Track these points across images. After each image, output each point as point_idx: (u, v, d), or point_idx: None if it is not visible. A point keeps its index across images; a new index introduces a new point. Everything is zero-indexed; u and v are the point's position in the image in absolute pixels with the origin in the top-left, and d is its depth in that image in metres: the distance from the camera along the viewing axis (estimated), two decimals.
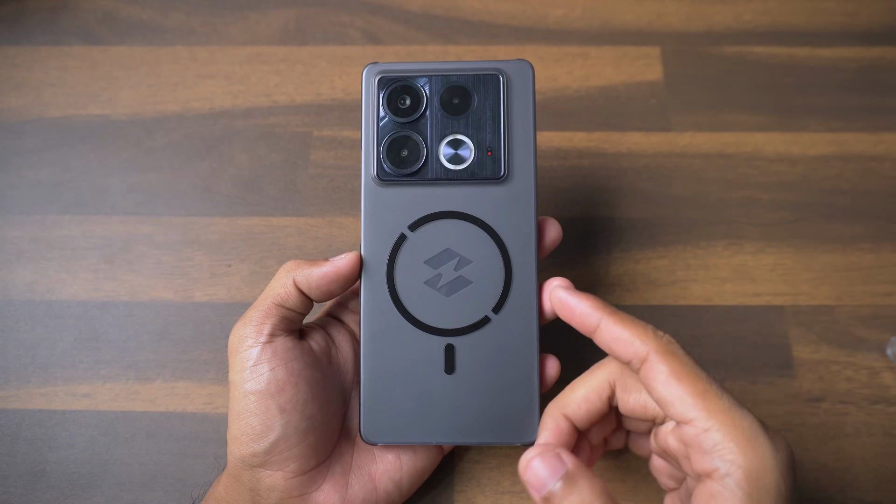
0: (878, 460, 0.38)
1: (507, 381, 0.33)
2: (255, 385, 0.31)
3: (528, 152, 0.33)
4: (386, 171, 0.33)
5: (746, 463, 0.25)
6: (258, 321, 0.31)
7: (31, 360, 0.40)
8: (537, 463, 0.27)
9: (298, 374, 0.31)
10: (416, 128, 0.33)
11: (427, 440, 0.33)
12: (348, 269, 0.32)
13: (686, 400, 0.27)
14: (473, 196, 0.33)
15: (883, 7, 0.49)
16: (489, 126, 0.33)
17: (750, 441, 0.25)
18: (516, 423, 0.33)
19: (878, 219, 0.43)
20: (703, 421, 0.26)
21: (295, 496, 0.31)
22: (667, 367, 0.27)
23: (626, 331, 0.29)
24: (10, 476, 0.38)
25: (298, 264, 0.32)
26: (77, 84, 0.47)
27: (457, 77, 0.33)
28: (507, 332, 0.33)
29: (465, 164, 0.33)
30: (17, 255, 0.42)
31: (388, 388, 0.33)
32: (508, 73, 0.33)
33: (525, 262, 0.33)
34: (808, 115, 0.46)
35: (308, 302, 0.33)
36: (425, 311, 0.33)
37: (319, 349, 0.33)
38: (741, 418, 0.26)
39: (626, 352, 0.29)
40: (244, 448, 0.31)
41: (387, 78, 0.33)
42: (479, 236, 0.33)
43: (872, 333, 0.41)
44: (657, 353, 0.28)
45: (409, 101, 0.33)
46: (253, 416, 0.30)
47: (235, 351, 0.31)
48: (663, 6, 0.49)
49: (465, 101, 0.33)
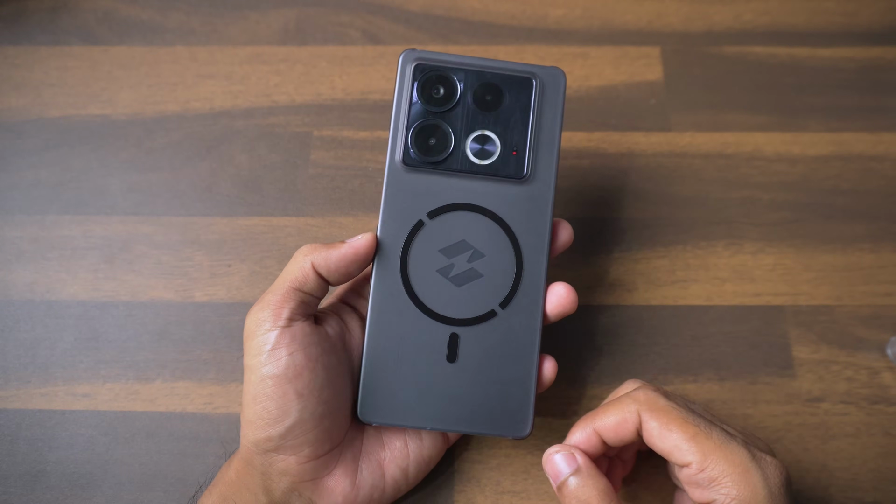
0: (878, 460, 0.38)
1: (505, 376, 0.33)
2: (272, 369, 0.30)
3: (552, 156, 0.34)
4: (412, 156, 0.33)
5: (739, 493, 0.28)
6: (276, 305, 0.31)
7: (31, 360, 0.40)
8: (558, 457, 0.31)
9: (316, 359, 0.31)
10: (447, 118, 0.34)
11: (421, 425, 0.33)
12: (365, 250, 0.32)
13: (681, 447, 0.29)
14: (494, 192, 0.34)
15: (883, 7, 0.49)
16: (518, 126, 0.34)
17: (742, 474, 0.28)
18: (510, 417, 0.33)
19: (878, 219, 0.43)
20: (699, 462, 0.29)
21: (307, 480, 0.31)
22: (656, 422, 0.30)
23: (613, 416, 0.31)
24: (10, 476, 0.38)
25: (315, 248, 0.32)
26: (77, 84, 0.47)
27: (492, 75, 0.34)
28: (511, 328, 0.33)
29: (491, 159, 0.34)
30: (17, 255, 0.42)
31: (388, 369, 0.33)
32: (542, 78, 0.34)
33: (536, 262, 0.33)
34: (808, 115, 0.46)
35: (325, 285, 0.33)
36: (434, 298, 0.33)
37: (335, 334, 0.33)
38: (732, 453, 0.29)
39: (628, 431, 0.31)
40: (259, 432, 0.31)
41: (423, 66, 0.34)
42: (494, 232, 0.33)
43: (872, 333, 0.41)
44: (643, 411, 0.30)
45: (442, 92, 0.34)
46: (269, 401, 0.30)
47: (252, 335, 0.31)
48: (663, 6, 0.49)
49: (498, 99, 0.34)
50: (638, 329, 0.41)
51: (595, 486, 0.30)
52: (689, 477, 0.29)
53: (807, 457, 0.38)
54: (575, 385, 0.40)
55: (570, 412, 0.39)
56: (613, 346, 0.40)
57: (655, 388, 0.32)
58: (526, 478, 0.38)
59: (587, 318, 0.41)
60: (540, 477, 0.37)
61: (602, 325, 0.41)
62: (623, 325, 0.41)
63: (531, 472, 0.38)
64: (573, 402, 0.39)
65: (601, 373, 0.40)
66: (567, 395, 0.39)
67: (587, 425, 0.32)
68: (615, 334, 0.41)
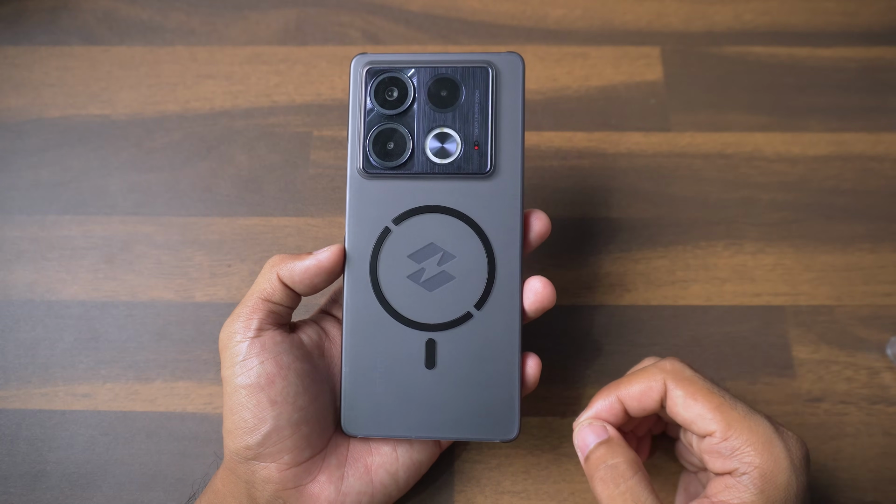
0: (878, 460, 0.38)
1: (487, 378, 0.32)
2: (245, 379, 0.31)
3: (516, 147, 0.33)
4: (371, 163, 0.33)
5: (762, 463, 0.28)
6: (246, 317, 0.32)
7: (31, 360, 0.40)
8: (585, 429, 0.31)
9: (288, 366, 0.31)
10: (403, 120, 0.33)
11: (406, 434, 0.33)
12: (331, 263, 0.32)
13: (705, 416, 0.30)
14: (459, 190, 0.33)
15: (883, 7, 0.49)
16: (477, 120, 0.33)
17: (765, 444, 0.29)
18: (496, 419, 0.32)
19: (878, 219, 0.43)
20: (723, 432, 0.29)
21: (290, 488, 0.31)
22: (681, 391, 0.30)
23: (639, 384, 0.31)
24: (10, 476, 0.38)
25: (282, 259, 0.32)
26: (77, 84, 0.47)
27: (445, 69, 0.33)
28: (489, 329, 0.33)
29: (452, 158, 0.33)
30: (17, 255, 0.42)
31: (368, 381, 0.33)
32: (498, 66, 0.33)
33: (509, 259, 0.33)
34: (808, 115, 0.46)
35: (294, 296, 0.33)
36: (407, 305, 0.33)
37: (311, 342, 0.33)
38: (756, 424, 0.29)
39: (652, 399, 0.31)
40: (238, 441, 0.31)
41: (374, 69, 0.33)
42: (463, 231, 0.33)
43: (872, 333, 0.41)
44: (669, 381, 0.31)
45: (396, 93, 0.33)
46: (245, 410, 0.31)
47: (225, 347, 0.32)
48: (663, 6, 0.49)
49: (453, 93, 0.33)
50: (638, 329, 0.41)
51: (624, 455, 0.30)
52: (711, 447, 0.29)
53: None
54: (575, 385, 0.40)
55: (570, 412, 0.39)
56: (613, 346, 0.40)
57: (681, 360, 0.32)
58: (526, 478, 0.38)
59: (587, 318, 0.41)
60: (540, 477, 0.37)
61: (602, 325, 0.41)
62: (623, 325, 0.41)
63: (531, 472, 0.38)
64: (573, 403, 0.39)
65: (601, 373, 0.40)
66: (567, 396, 0.39)
67: (611, 393, 0.32)
68: (615, 334, 0.41)
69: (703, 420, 0.29)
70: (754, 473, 0.28)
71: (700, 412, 0.30)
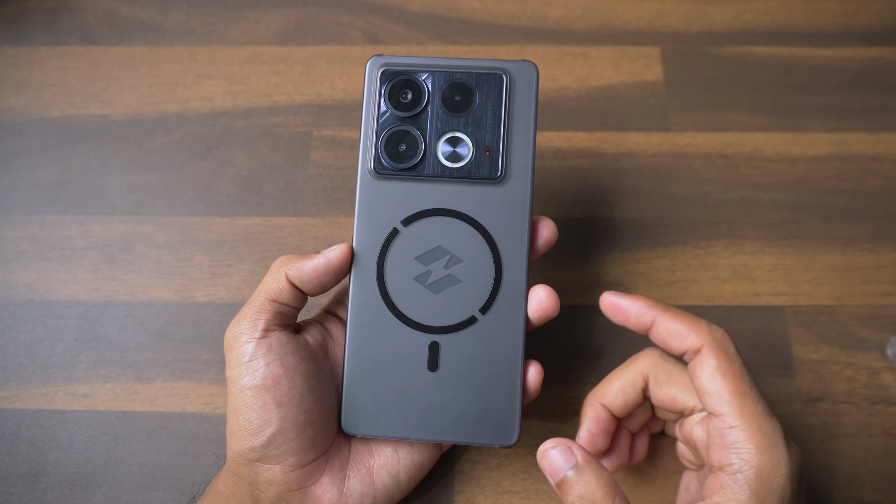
0: (878, 460, 0.38)
1: (489, 383, 0.32)
2: (251, 380, 0.31)
3: (527, 154, 0.33)
4: (383, 164, 0.33)
5: (760, 464, 0.28)
6: (252, 317, 0.32)
7: (31, 360, 0.40)
8: (554, 453, 0.30)
9: (294, 368, 0.31)
10: (416, 123, 0.33)
11: (406, 436, 0.33)
12: (339, 262, 0.32)
13: (723, 395, 0.29)
14: (468, 195, 0.33)
15: (883, 7, 0.49)
16: (489, 126, 0.33)
17: (768, 446, 0.28)
18: (496, 424, 0.32)
19: (878, 219, 0.43)
20: (732, 418, 0.29)
21: (294, 490, 0.31)
22: (715, 362, 0.30)
23: (682, 325, 0.31)
24: (10, 476, 0.38)
25: (290, 259, 0.32)
26: (77, 84, 0.47)
27: (460, 74, 0.33)
28: (493, 334, 0.33)
29: (463, 162, 0.33)
30: (17, 255, 0.42)
31: (370, 381, 0.33)
32: (512, 73, 0.33)
33: (516, 265, 0.33)
34: (808, 115, 0.46)
35: (302, 296, 0.33)
36: (412, 307, 0.33)
37: (315, 343, 0.33)
38: (767, 425, 0.29)
39: (680, 345, 0.31)
40: (242, 443, 0.31)
41: (390, 71, 0.33)
42: (471, 236, 0.33)
43: (872, 333, 0.41)
44: (710, 346, 0.30)
45: (410, 96, 0.33)
46: (250, 411, 0.30)
47: (231, 347, 0.32)
48: (663, 6, 0.49)
49: (467, 99, 0.33)
50: None
51: (598, 481, 0.28)
52: (716, 429, 0.29)
53: (807, 457, 0.38)
54: (575, 386, 0.40)
55: (570, 413, 0.39)
56: (613, 346, 0.40)
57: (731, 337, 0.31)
58: (526, 478, 0.38)
59: (587, 318, 0.41)
60: (540, 477, 0.37)
61: (602, 326, 0.41)
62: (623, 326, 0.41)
63: (531, 472, 0.38)
64: (573, 403, 0.39)
65: (601, 373, 0.40)
66: (567, 396, 0.39)
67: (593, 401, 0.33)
68: (615, 334, 0.41)
69: (719, 397, 0.29)
70: (750, 473, 0.28)
71: (720, 389, 0.29)
